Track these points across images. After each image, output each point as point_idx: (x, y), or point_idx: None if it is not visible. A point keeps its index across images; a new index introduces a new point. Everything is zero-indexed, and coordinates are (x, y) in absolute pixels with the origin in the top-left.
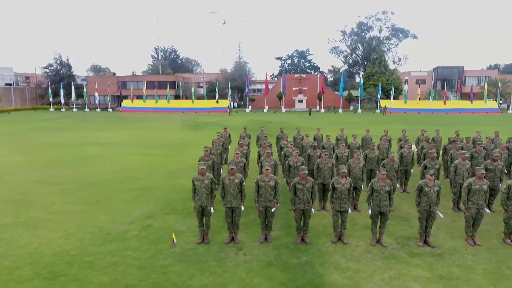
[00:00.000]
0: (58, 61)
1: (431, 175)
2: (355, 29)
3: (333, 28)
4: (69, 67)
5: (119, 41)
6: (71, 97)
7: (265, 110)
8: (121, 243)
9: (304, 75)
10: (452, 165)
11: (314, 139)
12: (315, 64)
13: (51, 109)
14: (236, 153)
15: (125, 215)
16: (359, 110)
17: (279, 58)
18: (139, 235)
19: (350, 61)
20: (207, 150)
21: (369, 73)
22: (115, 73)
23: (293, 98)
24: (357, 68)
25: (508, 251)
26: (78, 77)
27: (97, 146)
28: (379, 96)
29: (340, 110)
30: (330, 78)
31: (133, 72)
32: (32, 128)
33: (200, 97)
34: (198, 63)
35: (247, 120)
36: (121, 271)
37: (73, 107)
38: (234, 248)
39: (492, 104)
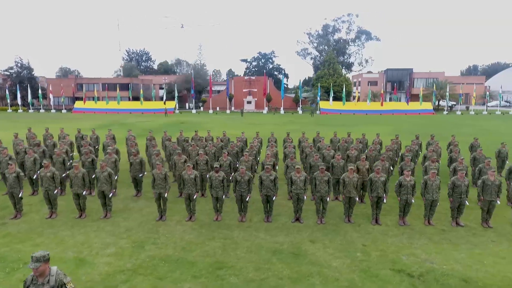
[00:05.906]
0: (18, 64)
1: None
2: (320, 32)
3: (302, 30)
4: (30, 69)
5: (93, 44)
6: (29, 99)
7: (210, 111)
8: None
9: (253, 77)
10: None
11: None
12: (280, 66)
13: (9, 110)
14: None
15: None
16: (300, 112)
17: (244, 61)
18: None
19: (318, 63)
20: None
21: (319, 75)
22: (77, 75)
23: (243, 99)
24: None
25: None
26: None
27: None
28: (318, 98)
29: (282, 111)
30: None
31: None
32: None
33: (155, 99)
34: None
35: (171, 121)
36: None
37: (30, 109)
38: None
39: (426, 105)
